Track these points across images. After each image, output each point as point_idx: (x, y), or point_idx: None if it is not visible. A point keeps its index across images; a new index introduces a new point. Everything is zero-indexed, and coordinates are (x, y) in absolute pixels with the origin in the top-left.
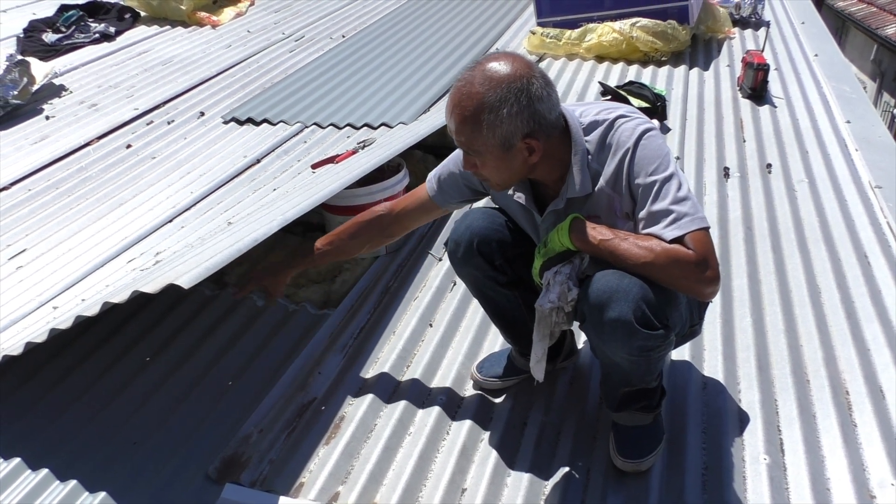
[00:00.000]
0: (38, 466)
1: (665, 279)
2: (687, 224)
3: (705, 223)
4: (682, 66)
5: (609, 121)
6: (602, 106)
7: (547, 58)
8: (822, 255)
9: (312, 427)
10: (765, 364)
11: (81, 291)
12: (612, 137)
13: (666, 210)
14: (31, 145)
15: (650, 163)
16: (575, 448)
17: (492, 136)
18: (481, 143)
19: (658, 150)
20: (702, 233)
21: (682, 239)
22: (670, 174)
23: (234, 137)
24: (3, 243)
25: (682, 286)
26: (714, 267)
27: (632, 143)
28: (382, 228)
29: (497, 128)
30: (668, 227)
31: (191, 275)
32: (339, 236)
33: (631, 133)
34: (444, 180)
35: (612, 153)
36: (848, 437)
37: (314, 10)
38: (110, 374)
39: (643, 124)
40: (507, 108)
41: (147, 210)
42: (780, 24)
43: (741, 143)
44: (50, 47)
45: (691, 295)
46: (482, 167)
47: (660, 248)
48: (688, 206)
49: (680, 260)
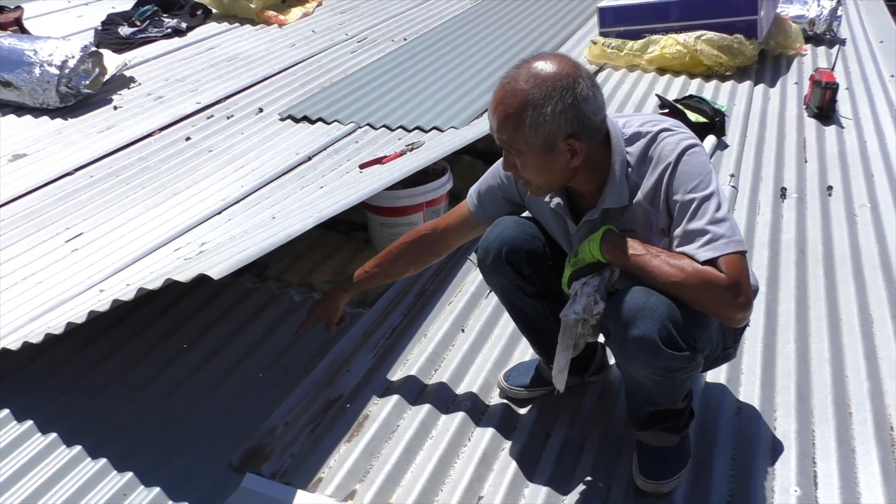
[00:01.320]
0: (71, 444)
1: (694, 300)
2: (722, 246)
3: (741, 247)
4: (746, 82)
5: (652, 133)
6: (647, 118)
7: (607, 68)
8: (879, 284)
9: (336, 424)
10: (805, 393)
11: (128, 276)
12: (654, 150)
13: (702, 230)
14: (97, 133)
15: (691, 180)
16: (597, 464)
17: (534, 135)
18: (523, 142)
19: (700, 168)
20: (737, 256)
21: (715, 261)
22: (710, 193)
23: (288, 135)
24: (63, 226)
25: (710, 309)
26: (746, 293)
27: (674, 158)
28: (428, 247)
29: (540, 126)
30: (702, 248)
31: (221, 266)
32: (385, 258)
33: (674, 147)
34: (483, 195)
35: (653, 167)
36: (888, 475)
37: (379, 12)
38: (148, 360)
39: (687, 139)
40: (551, 106)
41: (199, 201)
42: (857, 43)
43: (802, 163)
44: (124, 40)
45: (720, 319)
46: (522, 168)
47: (691, 269)
48: (725, 227)
49: (711, 282)
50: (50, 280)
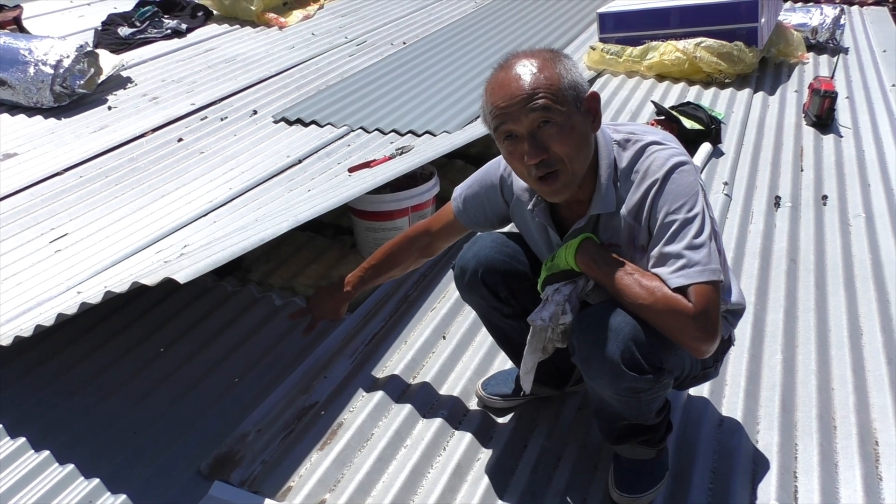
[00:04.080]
0: (40, 448)
1: (659, 325)
2: (695, 274)
3: (715, 276)
4: (746, 90)
5: (642, 144)
6: (636, 127)
7: (606, 74)
8: (870, 295)
9: (309, 431)
10: (789, 405)
11: (107, 278)
12: (641, 164)
13: (678, 254)
14: (90, 133)
15: (675, 199)
16: (573, 477)
17: (568, 86)
18: (561, 97)
19: (688, 188)
20: (708, 287)
21: (685, 289)
22: (693, 216)
23: (281, 137)
24: (48, 227)
25: (674, 337)
26: (713, 324)
27: (661, 175)
28: (422, 248)
29: (570, 73)
30: (674, 273)
31: (188, 270)
32: (377, 259)
33: (662, 163)
34: (468, 201)
35: (640, 181)
36: (870, 491)
37: (380, 15)
38: (123, 362)
39: (677, 156)
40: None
41: (185, 203)
42: (860, 52)
43: (798, 172)
44: (123, 41)
45: (684, 347)
46: (560, 140)
47: (660, 293)
48: (701, 254)
49: (677, 310)
50: (30, 281)
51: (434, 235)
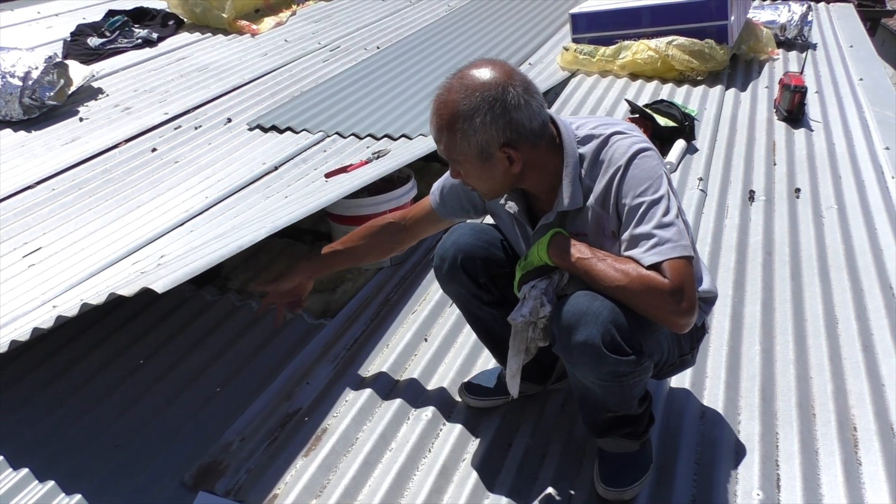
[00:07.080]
0: (18, 465)
1: (638, 305)
2: (667, 251)
3: (687, 252)
4: (718, 87)
5: (605, 136)
6: (600, 121)
7: (579, 74)
8: (844, 285)
9: (294, 438)
10: (769, 395)
11: (82, 291)
12: (605, 153)
13: (648, 234)
14: (62, 146)
15: (640, 184)
16: (558, 473)
17: (467, 146)
18: (459, 153)
19: (651, 172)
20: (682, 262)
21: (659, 266)
22: (659, 197)
23: (256, 144)
24: (21, 241)
25: (653, 314)
26: (690, 298)
27: (624, 162)
28: (392, 235)
29: (472, 136)
30: (647, 252)
31: (165, 280)
32: (349, 241)
33: (625, 151)
34: (446, 193)
35: (604, 170)
36: (850, 476)
37: (353, 20)
38: (102, 376)
39: (638, 143)
40: (480, 118)
41: (161, 213)
42: (828, 47)
43: (771, 166)
44: (93, 51)
45: (664, 324)
46: (466, 176)
47: (635, 273)
48: (672, 231)
49: (653, 287)
50: (3, 297)
51: (407, 226)
